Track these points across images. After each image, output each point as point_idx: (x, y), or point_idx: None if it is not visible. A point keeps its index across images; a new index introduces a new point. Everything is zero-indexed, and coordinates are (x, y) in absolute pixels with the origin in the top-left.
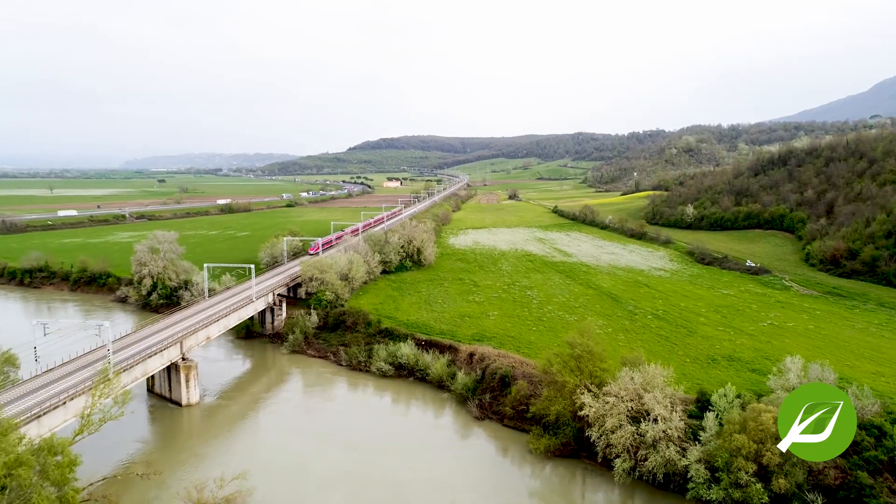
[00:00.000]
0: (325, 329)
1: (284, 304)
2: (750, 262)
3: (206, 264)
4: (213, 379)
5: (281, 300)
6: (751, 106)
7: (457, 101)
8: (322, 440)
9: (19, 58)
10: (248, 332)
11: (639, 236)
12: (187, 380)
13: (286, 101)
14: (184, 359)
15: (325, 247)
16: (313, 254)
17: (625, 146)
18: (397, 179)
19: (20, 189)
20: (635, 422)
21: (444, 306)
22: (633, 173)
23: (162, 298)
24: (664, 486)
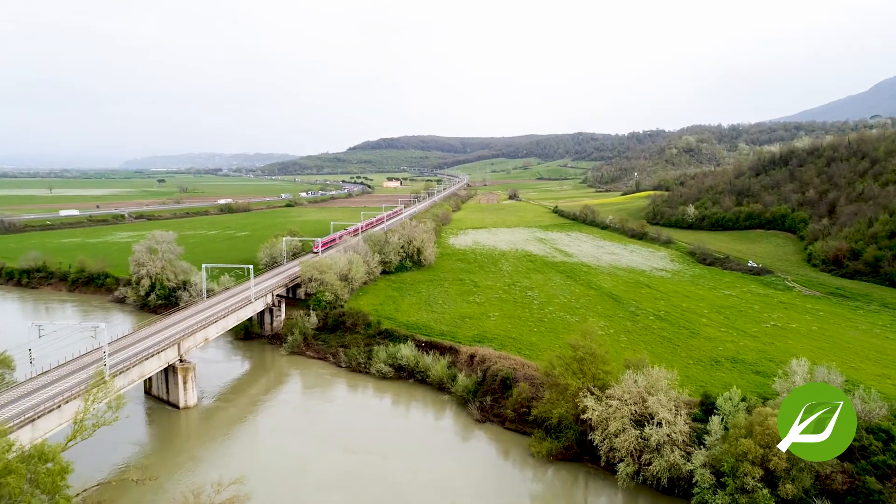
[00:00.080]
0: (325, 330)
1: (283, 305)
2: (752, 263)
3: (204, 265)
4: (212, 381)
5: (280, 301)
6: (751, 106)
7: (457, 101)
8: (321, 442)
9: (19, 58)
10: (247, 333)
11: (640, 236)
12: (185, 382)
13: (286, 101)
14: (181, 360)
15: (325, 246)
16: (316, 252)
17: (625, 146)
18: (397, 179)
19: (19, 189)
20: (639, 425)
21: (445, 307)
22: (634, 173)
23: (160, 299)
24: (668, 491)
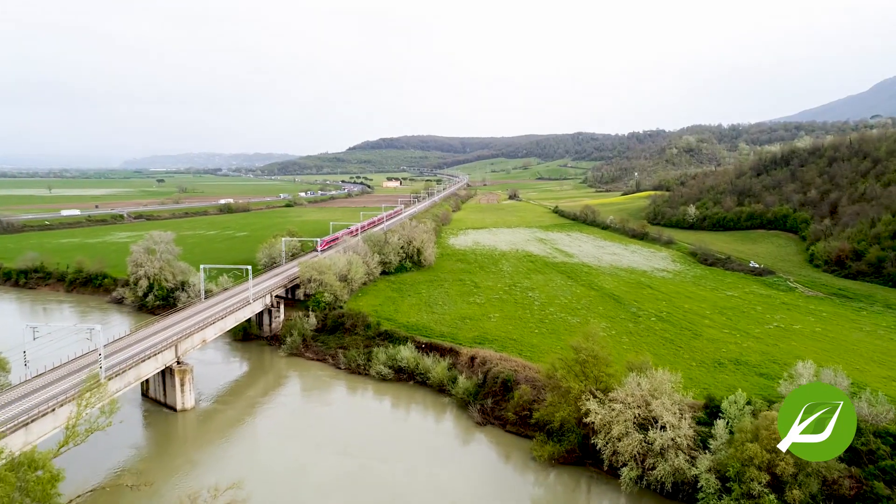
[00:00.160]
0: (324, 331)
1: (282, 306)
2: (753, 263)
3: (202, 265)
4: (209, 382)
5: (279, 302)
6: (751, 106)
7: (457, 101)
8: (320, 445)
9: (19, 58)
10: (246, 335)
11: (640, 237)
12: (182, 384)
13: (286, 101)
14: (179, 362)
15: (328, 245)
16: (320, 250)
17: (625, 146)
18: (397, 179)
19: (19, 189)
20: (643, 429)
21: (445, 308)
22: (634, 173)
23: (158, 300)
24: (673, 496)
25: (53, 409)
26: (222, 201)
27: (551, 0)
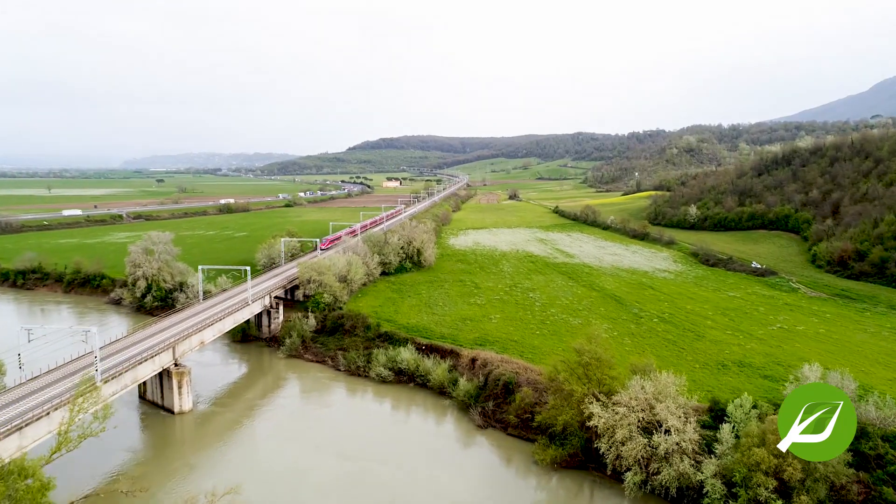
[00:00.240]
0: (323, 333)
1: (281, 307)
2: (755, 264)
3: (200, 266)
4: (207, 385)
5: (278, 303)
6: (751, 106)
7: (457, 101)
8: (319, 448)
9: (19, 58)
10: (244, 336)
11: (641, 237)
12: (180, 386)
13: (286, 101)
14: (176, 364)
15: (330, 244)
16: (323, 249)
17: (625, 146)
18: (397, 179)
19: (18, 189)
20: (647, 433)
21: (445, 309)
22: (635, 173)
23: (157, 301)
24: (677, 501)
25: (48, 413)
26: (222, 201)
27: (551, 0)
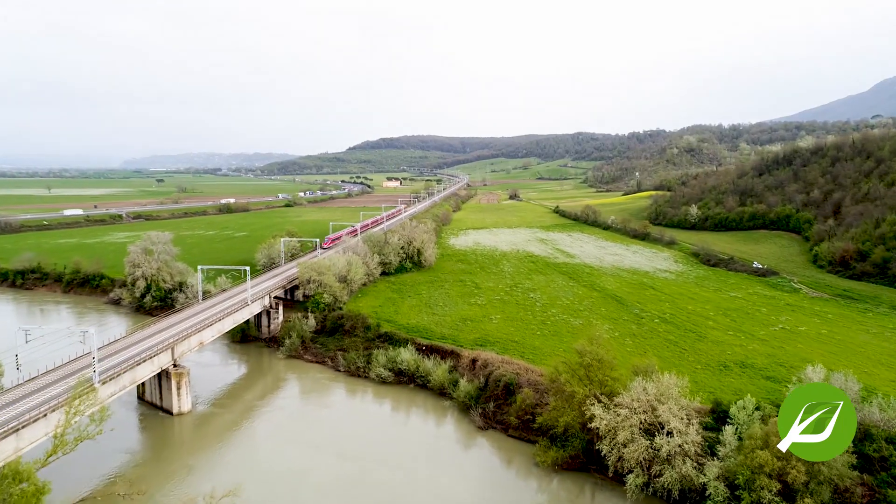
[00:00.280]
0: (323, 333)
1: (281, 307)
2: (757, 264)
3: (200, 266)
4: (207, 385)
5: (277, 303)
6: (751, 106)
7: (457, 101)
8: (319, 450)
9: (19, 58)
10: (244, 336)
11: (642, 237)
12: (179, 387)
13: (286, 101)
14: (175, 365)
15: (332, 243)
16: (326, 248)
17: (625, 146)
18: (397, 179)
19: (18, 189)
20: (649, 435)
21: (446, 309)
22: (635, 173)
23: (156, 301)
24: None
25: (45, 415)
26: (222, 201)
27: (551, 0)
